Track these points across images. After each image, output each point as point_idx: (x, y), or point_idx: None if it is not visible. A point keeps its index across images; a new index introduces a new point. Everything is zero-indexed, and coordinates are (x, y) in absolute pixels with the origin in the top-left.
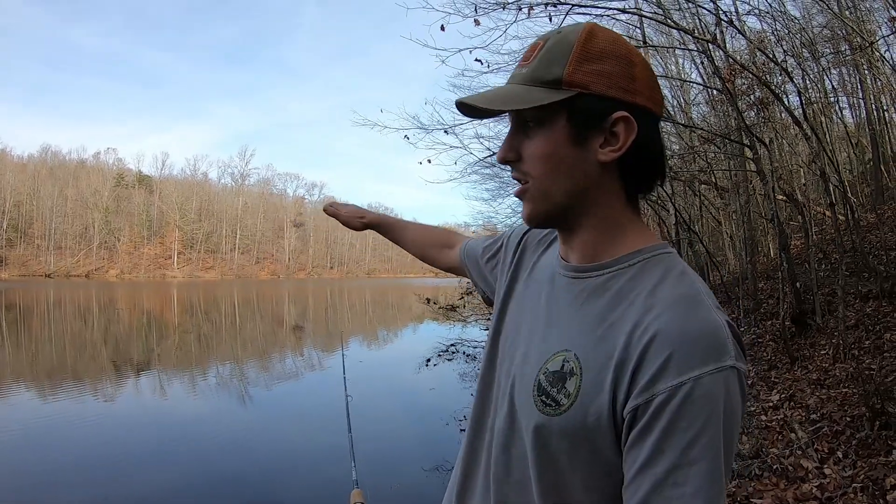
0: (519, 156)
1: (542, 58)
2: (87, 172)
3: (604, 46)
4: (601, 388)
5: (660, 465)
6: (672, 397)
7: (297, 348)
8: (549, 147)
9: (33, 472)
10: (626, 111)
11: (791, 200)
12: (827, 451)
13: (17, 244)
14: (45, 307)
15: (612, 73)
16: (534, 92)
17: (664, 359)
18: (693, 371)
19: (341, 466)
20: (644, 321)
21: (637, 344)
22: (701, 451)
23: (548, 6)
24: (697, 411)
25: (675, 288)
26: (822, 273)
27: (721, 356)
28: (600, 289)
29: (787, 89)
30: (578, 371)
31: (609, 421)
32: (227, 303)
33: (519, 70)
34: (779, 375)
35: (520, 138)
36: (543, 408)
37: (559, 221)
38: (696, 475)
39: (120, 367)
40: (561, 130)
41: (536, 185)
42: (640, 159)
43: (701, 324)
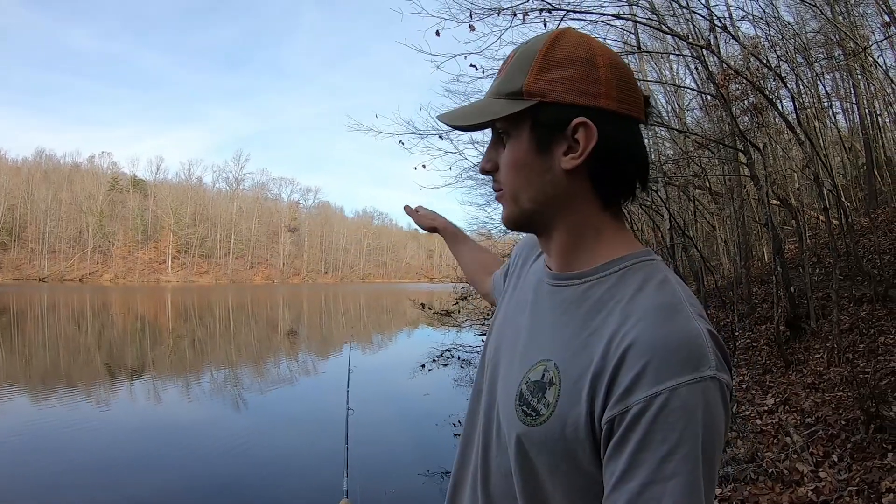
0: (496, 167)
1: (509, 70)
2: (82, 176)
3: (566, 52)
4: (578, 399)
5: (635, 480)
6: (647, 408)
7: (291, 354)
8: (516, 156)
9: (26, 477)
10: (587, 116)
11: (785, 205)
12: (822, 455)
13: (11, 248)
14: (39, 311)
15: (571, 78)
16: (497, 104)
17: (640, 368)
18: (669, 381)
19: (334, 474)
20: (621, 331)
21: (614, 354)
22: (677, 465)
23: (542, 12)
24: (673, 423)
25: (655, 296)
26: (816, 277)
27: (699, 366)
28: (580, 298)
29: (780, 94)
30: (558, 381)
31: (587, 432)
32: (222, 308)
33: (493, 83)
34: (773, 379)
35: (498, 149)
36: (524, 417)
37: (531, 226)
38: (673, 491)
39: (114, 372)
40: (526, 140)
41: (507, 192)
42: (609, 164)
43: (679, 333)
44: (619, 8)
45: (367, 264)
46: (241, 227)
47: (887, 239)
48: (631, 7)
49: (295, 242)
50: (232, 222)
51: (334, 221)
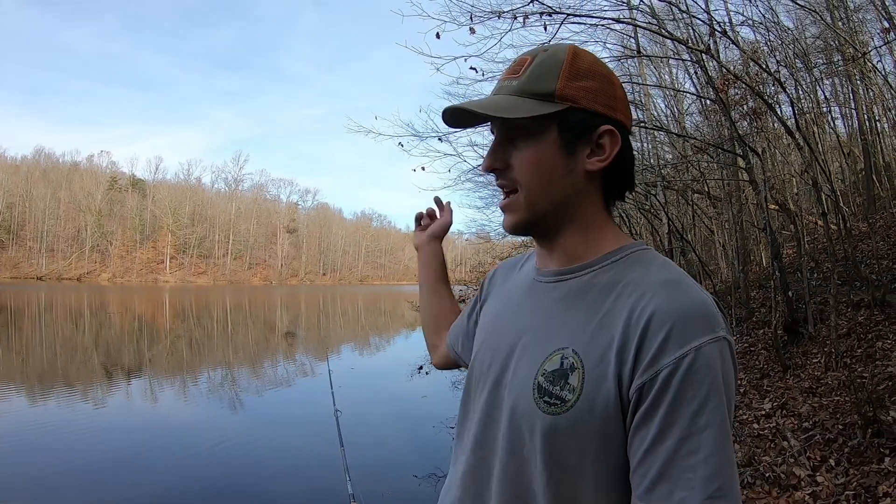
0: (506, 165)
1: (533, 72)
2: (81, 175)
3: (588, 66)
4: (605, 377)
5: (671, 437)
6: (677, 369)
7: (288, 355)
8: (541, 156)
9: (22, 477)
10: (611, 125)
11: (783, 210)
12: (819, 459)
13: (9, 246)
14: (37, 310)
15: (598, 90)
16: (527, 103)
17: (665, 334)
18: (693, 342)
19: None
20: (639, 305)
21: (636, 326)
22: (709, 417)
23: (543, 15)
24: (701, 379)
25: (662, 273)
26: (815, 282)
27: (715, 327)
28: (586, 286)
29: (779, 99)
30: (580, 364)
31: (617, 408)
32: (219, 308)
33: (507, 82)
34: (771, 384)
35: (506, 148)
36: (548, 408)
37: (540, 229)
38: (708, 440)
39: (111, 371)
40: (552, 141)
41: (526, 193)
42: (620, 170)
43: (693, 300)
44: (619, 12)
45: (366, 266)
46: (240, 227)
47: (885, 244)
48: (631, 11)
49: (293, 244)
50: (230, 223)
51: (333, 223)
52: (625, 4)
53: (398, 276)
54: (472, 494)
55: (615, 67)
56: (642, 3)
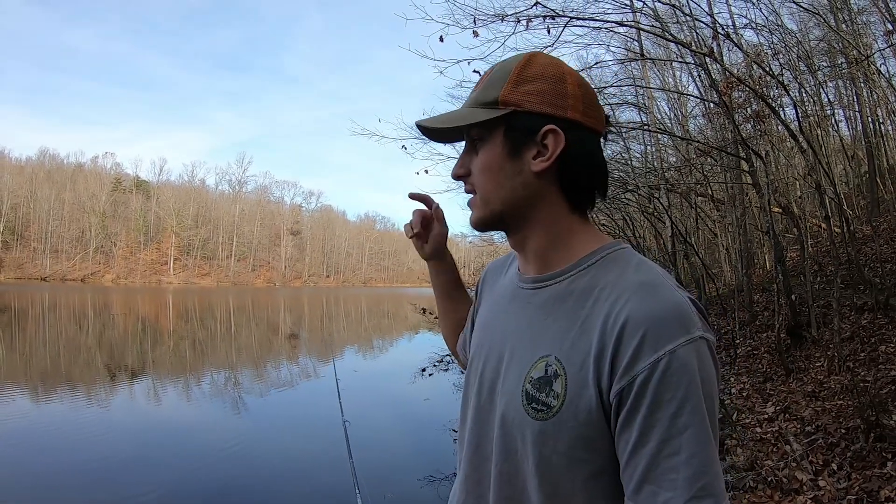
0: (469, 171)
1: (486, 83)
2: (85, 176)
3: (538, 70)
4: (586, 383)
5: (652, 440)
6: (653, 373)
7: (292, 357)
8: (489, 159)
9: (25, 476)
10: (556, 125)
11: (787, 213)
12: (822, 464)
13: (14, 247)
14: (40, 310)
15: (543, 91)
16: (475, 112)
17: (638, 340)
18: (667, 345)
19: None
20: (614, 311)
21: (611, 333)
22: (688, 418)
23: (546, 19)
24: (677, 381)
25: (636, 276)
26: (818, 285)
27: (689, 328)
28: (564, 292)
29: (783, 102)
30: (562, 372)
31: (599, 412)
32: (223, 310)
33: (468, 95)
34: (774, 387)
35: (471, 156)
36: (536, 414)
37: (500, 226)
38: (688, 441)
39: (114, 372)
40: (499, 144)
41: (479, 194)
42: (574, 168)
43: (666, 303)
44: (622, 15)
45: (369, 268)
46: (244, 229)
47: (889, 247)
48: (634, 14)
49: (297, 246)
50: (234, 224)
51: (336, 225)
52: (628, 7)
53: (402, 279)
54: (474, 497)
55: (619, 71)
56: (646, 7)
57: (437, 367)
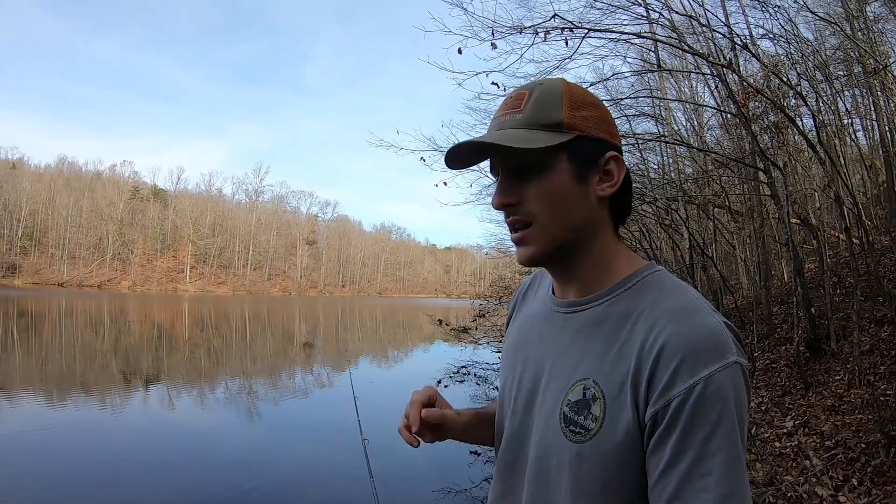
0: (519, 199)
1: (536, 104)
2: (103, 184)
3: (583, 96)
4: (624, 406)
5: (684, 461)
6: (688, 398)
7: (307, 366)
8: (555, 187)
9: (40, 479)
10: (614, 150)
11: (805, 224)
12: (842, 479)
13: (32, 252)
14: (57, 316)
15: (598, 118)
16: (537, 134)
17: (675, 364)
18: (703, 371)
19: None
20: (651, 336)
21: (648, 357)
22: (720, 442)
23: (564, 31)
24: (712, 406)
25: (673, 301)
26: (837, 297)
27: (725, 354)
28: (601, 317)
29: (801, 112)
30: (601, 395)
31: (636, 434)
32: (238, 318)
33: (509, 117)
34: (793, 401)
35: (517, 182)
36: (573, 437)
37: (558, 260)
38: (719, 464)
39: (129, 378)
40: (564, 171)
41: (542, 225)
42: (625, 193)
43: (703, 328)
44: (639, 26)
45: (385, 279)
46: (260, 238)
47: None
48: (651, 25)
49: (313, 255)
50: (250, 233)
51: (352, 235)
52: (644, 19)
53: (417, 289)
54: None
55: (635, 82)
56: (662, 18)
57: (452, 378)
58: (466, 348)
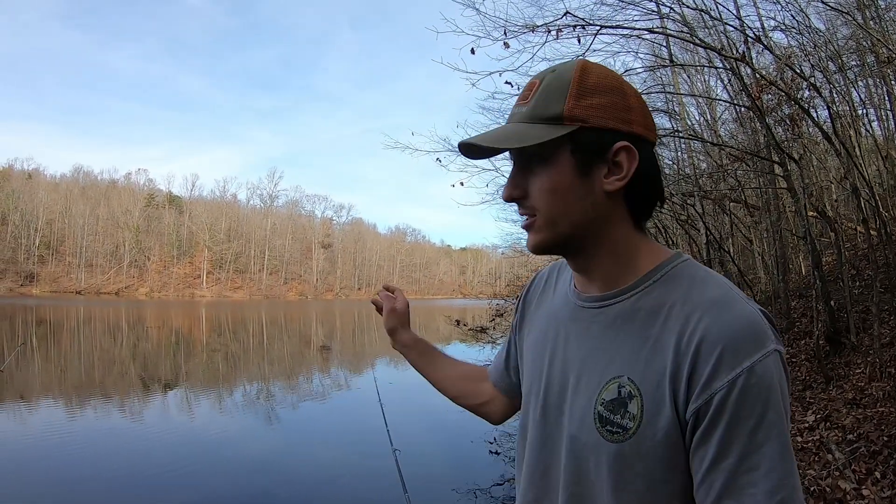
0: (525, 193)
1: (540, 96)
2: (119, 192)
3: (598, 80)
4: (663, 403)
5: (731, 456)
6: (731, 391)
7: (324, 369)
8: (556, 181)
9: (61, 484)
10: (626, 141)
11: (822, 217)
12: (864, 472)
13: (49, 261)
14: (76, 323)
15: (609, 106)
16: (536, 129)
17: (715, 358)
18: (744, 363)
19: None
20: (687, 330)
21: (686, 352)
22: (766, 433)
23: (576, 28)
24: (755, 397)
25: (706, 292)
26: (856, 290)
27: (764, 343)
28: (631, 310)
29: (815, 104)
30: (637, 393)
31: (677, 431)
32: (255, 323)
33: (518, 109)
34: (814, 395)
35: (524, 176)
36: (611, 437)
37: (566, 250)
38: (767, 455)
39: (148, 384)
40: (565, 164)
41: (544, 217)
42: (644, 185)
43: (740, 319)
44: (650, 22)
45: (400, 281)
46: (275, 243)
47: None
48: (662, 20)
49: (328, 259)
50: (266, 238)
51: (367, 238)
52: (655, 14)
53: (433, 291)
54: None
55: (647, 78)
56: (673, 12)
57: None
58: (484, 348)
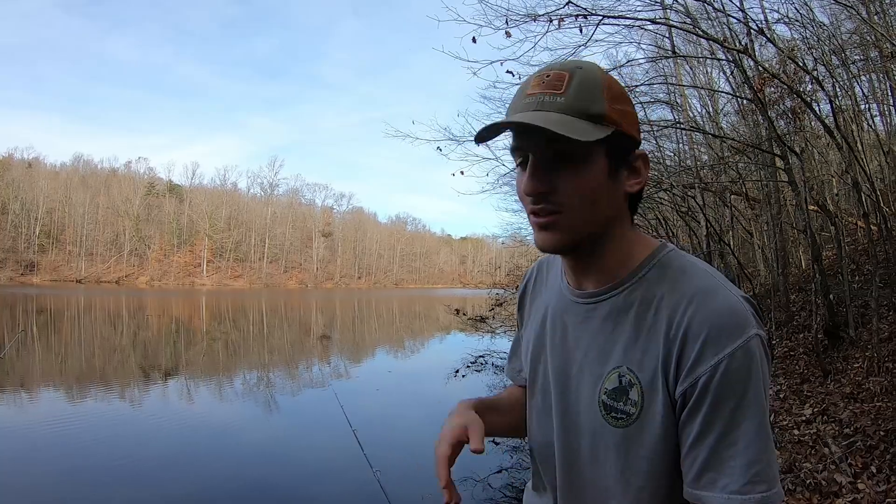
0: (552, 188)
1: (580, 90)
2: (119, 181)
3: (619, 89)
4: (658, 389)
5: (713, 433)
6: (714, 374)
7: (323, 357)
8: (590, 180)
9: (60, 472)
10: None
11: (823, 211)
12: (861, 466)
13: (49, 250)
14: (76, 312)
15: (631, 114)
16: (581, 124)
17: (700, 345)
18: (727, 348)
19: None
20: (675, 319)
21: (674, 340)
22: (745, 412)
23: (578, 18)
24: (736, 380)
25: (692, 282)
26: (856, 285)
27: (746, 328)
28: (624, 303)
29: (817, 97)
30: (636, 381)
31: (670, 412)
32: (255, 311)
33: (549, 98)
34: (811, 389)
35: (551, 170)
36: (616, 422)
37: (578, 251)
38: (745, 432)
39: (148, 372)
40: (601, 164)
41: (571, 216)
42: (643, 189)
43: (722, 307)
44: (653, 12)
45: (401, 270)
46: (276, 231)
47: None
48: (665, 11)
49: (328, 247)
50: (266, 227)
51: (368, 227)
52: (658, 4)
53: (433, 280)
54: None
55: (649, 68)
56: (676, 3)
57: (469, 368)
58: (484, 338)
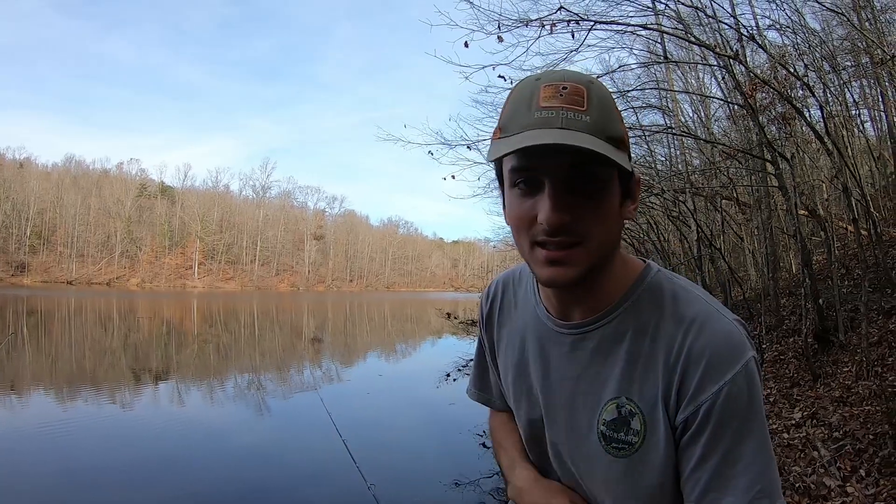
0: (574, 217)
1: (600, 110)
2: (111, 182)
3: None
4: (659, 418)
5: (716, 455)
6: (716, 401)
7: (315, 361)
8: (608, 207)
9: (53, 476)
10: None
11: (813, 216)
12: (849, 470)
13: (40, 251)
14: (67, 314)
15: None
16: (608, 147)
17: (700, 374)
18: (727, 374)
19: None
20: (674, 348)
21: (674, 368)
22: (747, 432)
23: (570, 23)
24: (737, 404)
25: (687, 309)
26: (845, 289)
27: (743, 353)
28: (616, 333)
29: (808, 103)
30: (637, 410)
31: (671, 436)
32: (247, 314)
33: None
34: (801, 393)
35: (572, 198)
36: (618, 453)
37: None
38: (747, 451)
39: (139, 374)
40: (616, 190)
41: (591, 246)
42: None
43: (720, 334)
44: (645, 18)
45: (392, 273)
46: (267, 234)
47: None
48: (657, 17)
49: (320, 250)
50: (258, 229)
51: (360, 230)
52: (650, 10)
53: (425, 283)
54: None
55: (641, 74)
56: (668, 9)
57: (461, 371)
58: (475, 341)
